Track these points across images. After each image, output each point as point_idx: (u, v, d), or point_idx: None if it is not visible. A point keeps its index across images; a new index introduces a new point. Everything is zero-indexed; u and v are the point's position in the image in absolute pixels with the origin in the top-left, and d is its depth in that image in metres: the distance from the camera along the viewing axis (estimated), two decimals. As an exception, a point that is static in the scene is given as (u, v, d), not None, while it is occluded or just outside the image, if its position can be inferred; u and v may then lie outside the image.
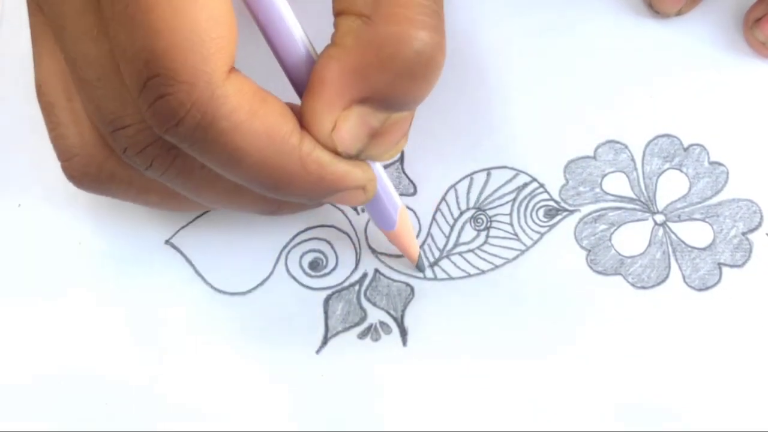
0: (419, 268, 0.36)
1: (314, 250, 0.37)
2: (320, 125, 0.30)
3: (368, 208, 0.34)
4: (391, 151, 0.32)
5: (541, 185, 0.37)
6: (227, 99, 0.28)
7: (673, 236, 0.36)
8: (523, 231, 0.37)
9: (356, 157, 0.31)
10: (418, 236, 0.37)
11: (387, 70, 0.28)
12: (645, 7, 0.39)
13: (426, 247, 0.37)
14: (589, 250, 0.36)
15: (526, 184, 0.37)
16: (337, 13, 0.29)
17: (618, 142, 0.38)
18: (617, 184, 0.37)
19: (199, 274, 0.37)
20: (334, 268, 0.37)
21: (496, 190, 0.37)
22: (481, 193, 0.37)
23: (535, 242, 0.37)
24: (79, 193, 0.38)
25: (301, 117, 0.30)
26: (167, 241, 0.37)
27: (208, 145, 0.28)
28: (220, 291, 0.37)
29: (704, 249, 0.36)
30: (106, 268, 0.37)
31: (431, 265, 0.36)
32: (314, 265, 0.37)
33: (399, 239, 0.35)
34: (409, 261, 0.36)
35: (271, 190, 0.30)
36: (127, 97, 0.29)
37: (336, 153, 0.30)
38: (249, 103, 0.28)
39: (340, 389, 0.35)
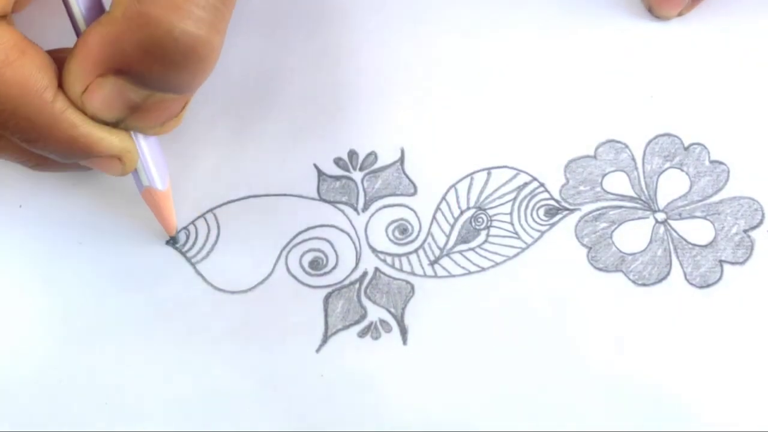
0: (174, 240, 0.37)
1: (314, 250, 0.37)
2: (71, 85, 0.31)
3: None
4: (156, 128, 0.33)
5: (542, 184, 0.37)
6: None
7: (674, 234, 0.36)
8: (524, 229, 0.37)
9: (115, 126, 0.32)
10: (418, 236, 0.37)
11: (144, 49, 0.29)
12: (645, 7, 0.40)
13: (426, 245, 0.37)
14: (590, 248, 0.36)
15: (526, 184, 0.37)
16: None
17: (618, 142, 0.38)
18: (618, 183, 0.37)
19: (200, 274, 0.37)
20: (334, 267, 0.37)
21: (496, 190, 0.37)
22: (481, 192, 0.37)
23: (536, 240, 0.36)
24: (80, 194, 0.38)
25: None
26: (167, 241, 0.37)
27: None
28: (220, 290, 0.36)
29: (705, 246, 0.36)
30: (106, 268, 0.37)
31: (431, 264, 0.36)
32: (314, 264, 0.37)
33: (158, 203, 0.36)
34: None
35: (24, 142, 0.31)
36: None
37: (89, 116, 0.31)
38: (5, 53, 0.30)
39: (340, 388, 0.35)
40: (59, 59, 0.32)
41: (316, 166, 0.38)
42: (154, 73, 0.30)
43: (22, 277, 0.37)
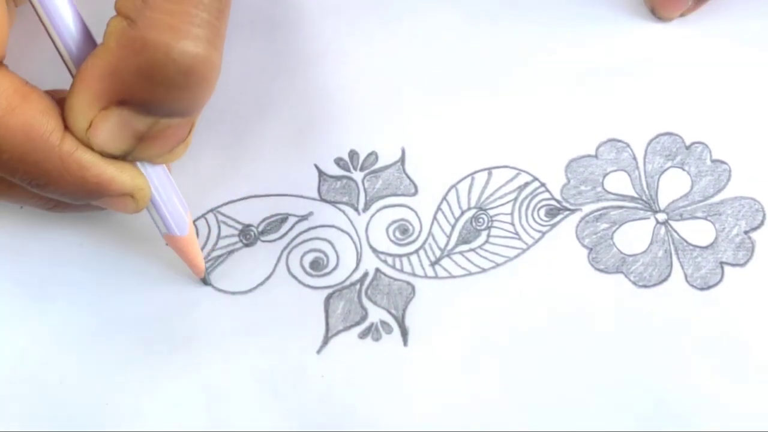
0: (204, 281, 0.36)
1: (315, 250, 0.37)
2: (75, 122, 0.30)
3: (150, 212, 0.34)
4: (165, 156, 0.32)
5: (543, 184, 0.37)
6: None
7: (675, 235, 0.36)
8: (525, 230, 0.37)
9: (123, 159, 0.31)
10: (419, 236, 0.37)
11: (144, 75, 0.29)
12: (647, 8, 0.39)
13: (427, 246, 0.37)
14: (591, 249, 0.36)
15: (527, 184, 0.37)
16: (116, 12, 0.29)
17: (619, 141, 0.38)
18: (619, 183, 0.37)
19: (201, 274, 0.37)
20: (335, 268, 0.37)
21: (497, 190, 0.37)
22: (482, 192, 0.37)
23: (537, 241, 0.36)
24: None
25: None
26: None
27: None
28: (221, 290, 0.36)
29: (706, 248, 0.36)
30: (107, 270, 0.37)
31: (432, 264, 0.36)
32: (315, 265, 0.37)
33: (182, 248, 0.35)
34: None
35: (34, 187, 0.31)
36: None
37: (96, 152, 0.31)
38: (6, 100, 0.29)
39: (341, 389, 0.35)
40: (61, 101, 0.31)
41: (316, 167, 0.38)
42: (156, 98, 0.29)
43: (23, 277, 0.37)
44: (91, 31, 0.31)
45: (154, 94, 0.29)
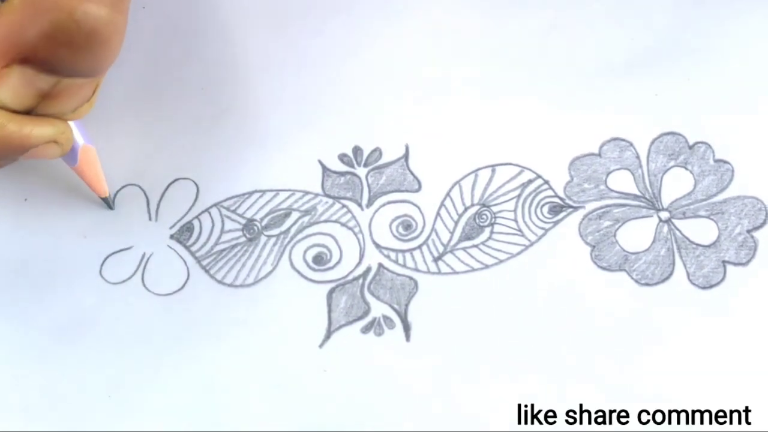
0: (107, 203, 0.37)
1: (318, 245, 0.37)
2: None
3: None
4: (68, 113, 0.32)
5: (546, 182, 0.37)
6: None
7: (677, 233, 0.36)
8: (528, 227, 0.37)
9: (29, 113, 0.31)
10: (422, 232, 0.37)
11: (46, 35, 0.28)
12: (648, 3, 0.39)
13: (430, 242, 0.37)
14: (594, 246, 0.36)
15: (530, 181, 0.37)
16: None
17: (623, 140, 0.38)
18: (622, 182, 0.37)
19: (204, 267, 0.37)
20: (338, 263, 0.37)
21: (500, 187, 0.37)
22: (485, 189, 0.37)
23: (540, 238, 0.36)
24: (84, 187, 0.38)
25: None
26: (172, 236, 0.37)
27: None
28: (224, 284, 0.37)
29: (709, 246, 0.36)
30: (111, 261, 0.37)
31: (435, 260, 0.36)
32: (318, 260, 0.37)
33: (82, 174, 0.36)
34: None
35: None
36: None
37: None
38: None
39: (343, 383, 0.35)
40: None
41: (320, 162, 0.38)
42: (58, 58, 0.29)
43: (27, 269, 0.37)
44: None
45: (55, 54, 0.29)
